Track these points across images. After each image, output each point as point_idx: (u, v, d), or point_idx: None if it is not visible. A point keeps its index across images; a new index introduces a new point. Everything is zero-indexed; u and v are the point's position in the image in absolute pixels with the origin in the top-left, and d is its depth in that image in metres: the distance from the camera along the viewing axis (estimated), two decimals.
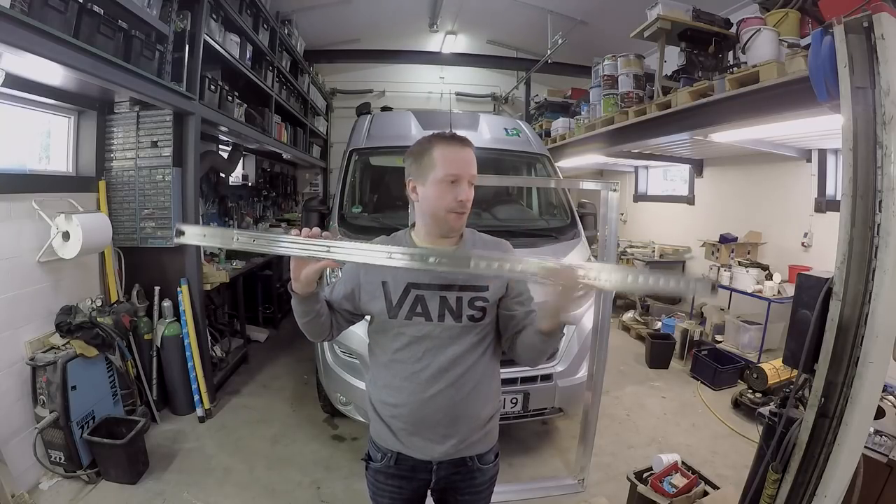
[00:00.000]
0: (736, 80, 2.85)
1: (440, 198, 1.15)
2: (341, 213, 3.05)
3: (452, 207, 1.15)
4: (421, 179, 1.18)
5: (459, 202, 1.15)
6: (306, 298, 1.14)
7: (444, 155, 1.16)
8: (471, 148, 1.19)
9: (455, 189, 1.15)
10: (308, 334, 1.26)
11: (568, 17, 5.79)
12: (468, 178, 1.16)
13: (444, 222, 1.18)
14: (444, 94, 8.09)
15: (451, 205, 1.15)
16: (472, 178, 1.17)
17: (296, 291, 1.12)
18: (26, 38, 1.85)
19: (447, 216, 1.17)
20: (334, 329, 1.28)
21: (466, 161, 1.17)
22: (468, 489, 1.31)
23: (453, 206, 1.15)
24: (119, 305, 2.97)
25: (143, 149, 3.06)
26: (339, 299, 1.26)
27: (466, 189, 1.16)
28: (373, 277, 1.21)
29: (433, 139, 1.19)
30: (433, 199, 1.17)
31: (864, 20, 1.36)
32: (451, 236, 1.23)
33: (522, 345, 1.22)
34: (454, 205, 1.15)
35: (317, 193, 8.34)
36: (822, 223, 4.00)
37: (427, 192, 1.18)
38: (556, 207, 3.44)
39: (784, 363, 1.77)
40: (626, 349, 4.76)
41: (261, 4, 4.33)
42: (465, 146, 1.18)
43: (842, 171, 1.45)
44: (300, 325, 1.23)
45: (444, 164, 1.15)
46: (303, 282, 1.09)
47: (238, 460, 2.76)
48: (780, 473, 1.56)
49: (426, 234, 1.23)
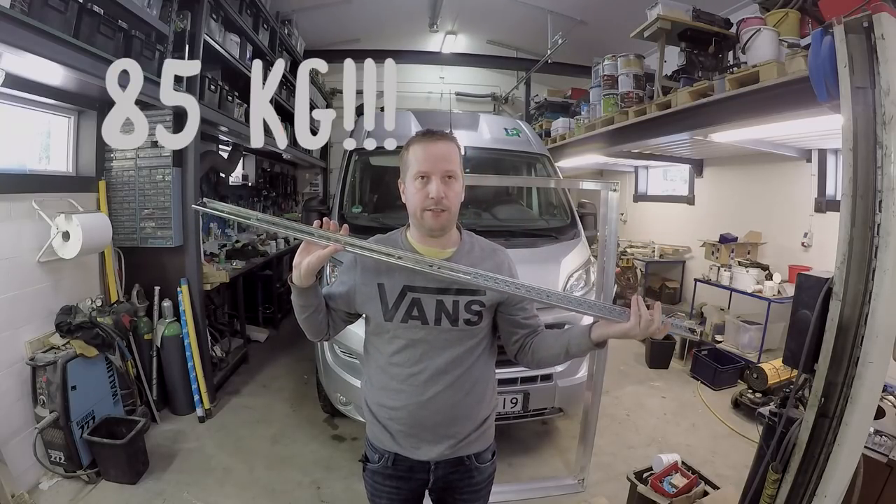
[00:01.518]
0: (736, 80, 2.85)
1: (414, 196, 1.15)
2: (341, 213, 3.05)
3: (426, 205, 1.13)
4: (403, 179, 1.19)
5: (430, 199, 1.12)
6: (305, 290, 1.15)
7: (415, 152, 1.15)
8: (447, 142, 1.15)
9: (427, 186, 1.12)
10: (307, 332, 1.26)
11: (568, 16, 5.79)
12: (440, 173, 1.12)
13: (421, 221, 1.16)
14: (444, 94, 8.09)
15: (423, 202, 1.13)
16: (445, 174, 1.13)
17: (295, 283, 1.13)
18: (26, 38, 1.85)
19: (423, 215, 1.14)
20: (331, 329, 1.28)
21: (437, 156, 1.13)
22: (466, 488, 1.31)
23: (426, 204, 1.13)
24: (119, 305, 2.97)
25: (143, 149, 3.06)
26: (335, 299, 1.26)
27: (437, 185, 1.11)
28: (369, 279, 1.20)
29: (412, 138, 1.19)
30: (410, 197, 1.17)
31: (864, 20, 1.36)
32: (434, 236, 1.19)
33: (543, 349, 1.22)
34: (426, 202, 1.12)
35: (317, 193, 8.34)
36: (822, 223, 4.00)
37: (407, 191, 1.18)
38: (556, 207, 3.44)
39: (784, 363, 1.77)
40: (626, 349, 4.76)
41: (261, 4, 4.33)
42: (438, 140, 1.15)
43: (842, 171, 1.45)
44: (300, 321, 1.24)
45: (415, 161, 1.14)
46: (304, 271, 1.10)
47: (238, 460, 2.76)
48: (780, 473, 1.56)
49: (419, 236, 1.22)
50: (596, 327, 1.12)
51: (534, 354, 1.24)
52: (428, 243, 1.21)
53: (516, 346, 1.27)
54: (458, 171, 1.16)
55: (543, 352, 1.22)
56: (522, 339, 1.26)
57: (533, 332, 1.26)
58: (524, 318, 1.25)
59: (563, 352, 1.18)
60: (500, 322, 1.26)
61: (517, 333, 1.26)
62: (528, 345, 1.25)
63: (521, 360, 1.28)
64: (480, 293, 1.18)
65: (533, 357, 1.24)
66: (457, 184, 1.16)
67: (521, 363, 1.29)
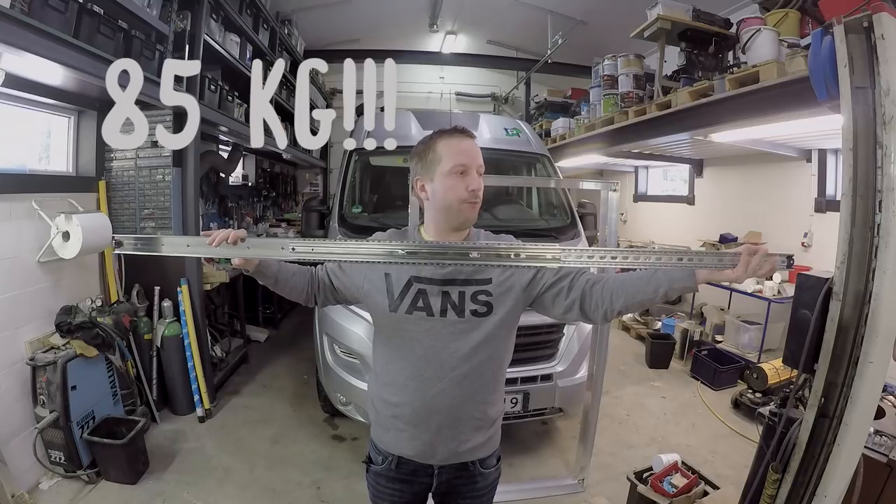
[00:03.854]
0: (736, 80, 2.85)
1: (451, 189, 1.14)
2: (341, 213, 3.05)
3: (465, 197, 1.14)
4: (428, 176, 1.18)
5: (471, 192, 1.14)
6: (255, 273, 1.18)
7: (448, 147, 1.16)
8: (474, 139, 1.19)
9: (465, 179, 1.15)
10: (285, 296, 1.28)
11: (568, 17, 5.79)
12: (476, 167, 1.16)
13: (458, 214, 1.17)
14: (444, 94, 8.08)
15: (462, 195, 1.14)
16: (479, 168, 1.17)
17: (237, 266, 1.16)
18: (26, 38, 1.85)
19: (461, 207, 1.15)
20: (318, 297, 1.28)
21: (472, 151, 1.17)
22: (469, 493, 1.29)
23: (466, 196, 1.14)
24: (119, 305, 2.97)
25: (143, 149, 3.07)
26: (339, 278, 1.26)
27: (476, 178, 1.16)
28: (377, 268, 1.20)
29: (435, 135, 1.19)
30: (444, 192, 1.15)
31: (864, 20, 1.36)
32: (464, 228, 1.21)
33: (627, 293, 1.10)
34: (466, 195, 1.14)
35: (317, 193, 8.35)
36: (822, 223, 4.00)
37: (436, 187, 1.16)
38: (556, 207, 3.44)
39: (784, 363, 1.77)
40: (626, 349, 4.76)
41: (261, 4, 4.33)
42: (468, 137, 1.18)
43: (842, 171, 1.45)
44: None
45: (450, 156, 1.15)
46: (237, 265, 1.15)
47: (238, 460, 2.76)
48: (780, 473, 1.56)
49: (436, 231, 1.21)
50: (702, 270, 1.03)
51: (612, 302, 1.11)
52: (450, 238, 1.20)
53: (574, 302, 1.15)
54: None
55: (631, 297, 1.10)
56: (577, 290, 1.15)
57: (584, 280, 1.16)
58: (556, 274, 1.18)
59: (658, 294, 1.07)
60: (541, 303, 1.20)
61: (561, 289, 1.17)
62: (590, 295, 1.14)
63: (595, 315, 1.15)
64: (486, 282, 1.17)
65: (612, 305, 1.12)
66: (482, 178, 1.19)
67: (595, 319, 1.16)
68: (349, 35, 6.73)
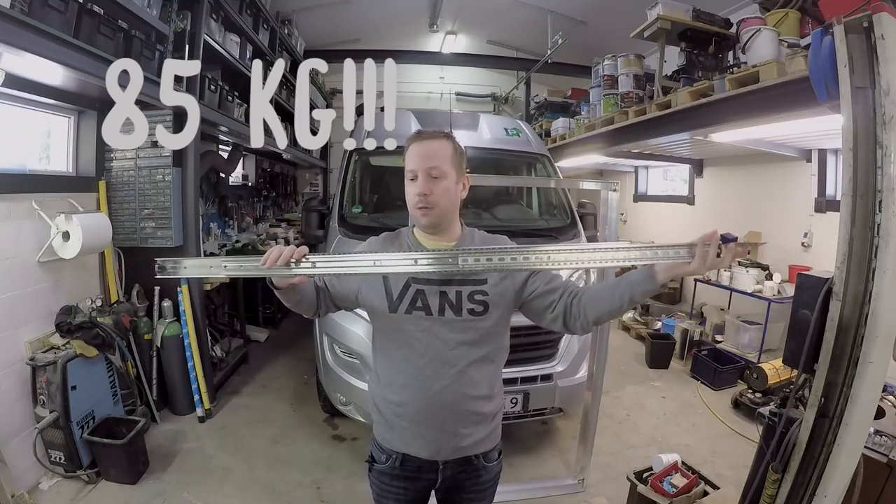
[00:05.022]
0: (736, 80, 2.85)
1: (408, 196, 1.20)
2: (341, 213, 3.05)
3: (414, 203, 1.17)
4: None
5: (416, 196, 1.16)
6: (286, 291, 1.16)
7: (408, 154, 1.19)
8: (436, 140, 1.18)
9: (414, 185, 1.17)
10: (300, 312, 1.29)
11: (568, 17, 5.79)
12: (425, 170, 1.15)
13: (418, 220, 1.21)
14: (444, 94, 8.08)
15: (412, 200, 1.17)
16: (431, 171, 1.15)
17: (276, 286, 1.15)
18: (26, 38, 1.85)
19: (415, 213, 1.19)
20: (321, 309, 1.29)
21: (423, 154, 1.16)
22: (473, 487, 1.31)
23: (414, 202, 1.17)
24: (119, 305, 2.97)
25: (143, 149, 3.06)
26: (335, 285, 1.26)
27: (421, 182, 1.15)
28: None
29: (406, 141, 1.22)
30: (406, 197, 1.20)
31: (864, 20, 1.36)
32: (428, 233, 1.23)
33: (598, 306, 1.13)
34: (414, 199, 1.17)
35: (317, 193, 8.35)
36: (822, 223, 4.00)
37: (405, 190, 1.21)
38: (556, 207, 3.44)
39: (784, 363, 1.77)
40: (626, 349, 4.76)
41: (261, 4, 4.33)
42: (426, 139, 1.18)
43: (842, 171, 1.45)
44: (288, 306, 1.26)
45: (407, 162, 1.19)
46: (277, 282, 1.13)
47: (238, 460, 2.76)
48: (780, 473, 1.56)
49: (420, 233, 1.26)
50: (660, 269, 1.05)
51: (586, 315, 1.15)
52: (433, 240, 1.24)
53: (558, 316, 1.19)
54: (447, 168, 1.17)
55: (600, 308, 1.14)
56: (561, 305, 1.18)
57: (568, 294, 1.19)
58: (546, 284, 1.21)
59: (624, 302, 1.10)
60: (528, 308, 1.23)
61: (550, 302, 1.20)
62: (571, 308, 1.17)
63: (574, 327, 1.18)
64: (482, 283, 1.19)
65: (587, 318, 1.15)
66: (444, 181, 1.17)
67: (575, 331, 1.20)
68: (349, 35, 6.73)
